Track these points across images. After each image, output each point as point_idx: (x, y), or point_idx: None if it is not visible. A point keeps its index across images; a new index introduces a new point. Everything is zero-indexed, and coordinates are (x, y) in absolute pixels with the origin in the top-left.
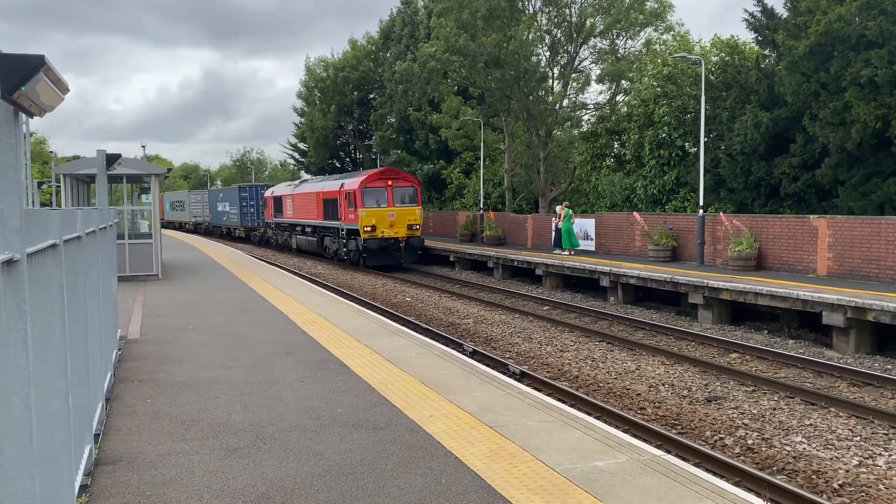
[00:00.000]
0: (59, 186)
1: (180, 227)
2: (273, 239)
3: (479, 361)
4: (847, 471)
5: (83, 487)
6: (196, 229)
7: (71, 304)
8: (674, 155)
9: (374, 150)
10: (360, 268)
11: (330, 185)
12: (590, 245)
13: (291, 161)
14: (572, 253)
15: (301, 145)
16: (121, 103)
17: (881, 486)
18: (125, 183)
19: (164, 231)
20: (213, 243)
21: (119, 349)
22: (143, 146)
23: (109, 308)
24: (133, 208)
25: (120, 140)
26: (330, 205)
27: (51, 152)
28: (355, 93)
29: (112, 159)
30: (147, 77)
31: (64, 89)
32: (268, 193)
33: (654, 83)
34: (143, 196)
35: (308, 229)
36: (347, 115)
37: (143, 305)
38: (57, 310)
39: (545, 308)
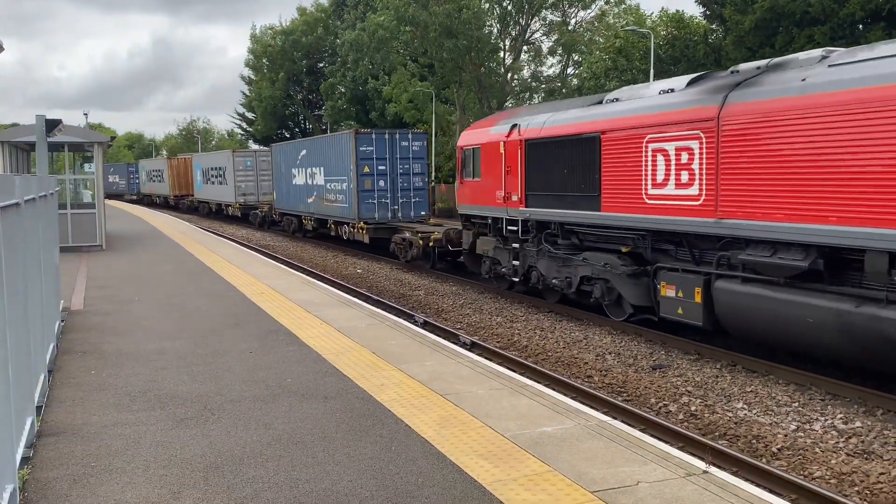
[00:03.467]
0: None
1: (219, 211)
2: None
3: (430, 332)
4: (785, 435)
5: (25, 459)
6: (247, 217)
7: (9, 273)
8: None
9: (324, 121)
10: (309, 239)
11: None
12: None
13: (239, 131)
14: None
15: (249, 115)
16: (66, 70)
17: (817, 450)
18: (67, 151)
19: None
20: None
21: (62, 320)
22: (86, 114)
23: (51, 278)
24: (75, 177)
25: (65, 108)
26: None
27: None
28: (304, 61)
29: (52, 125)
30: (95, 43)
31: None
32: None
33: (606, 56)
34: (86, 165)
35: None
36: (296, 84)
37: (86, 276)
38: None
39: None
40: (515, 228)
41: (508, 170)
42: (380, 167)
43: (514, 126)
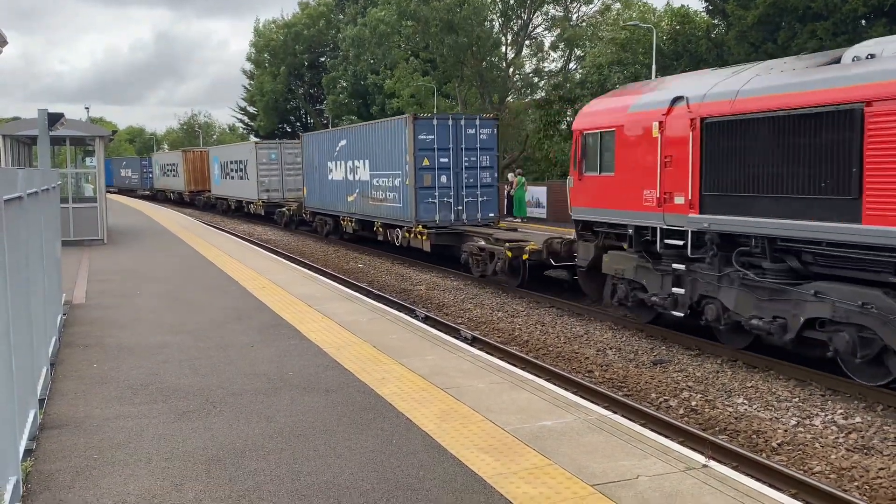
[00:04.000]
0: None
1: (238, 208)
2: None
3: (431, 326)
4: (785, 430)
5: (28, 452)
6: (272, 216)
7: (12, 265)
8: None
9: (325, 115)
10: (309, 234)
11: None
12: (541, 213)
13: (241, 125)
14: (523, 221)
15: (251, 109)
16: (68, 64)
17: (817, 445)
18: (68, 145)
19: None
20: None
21: (64, 314)
22: (87, 108)
23: (53, 272)
24: (77, 171)
25: (67, 102)
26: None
27: None
28: (306, 55)
29: (54, 119)
30: (97, 37)
31: (1, 41)
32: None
33: (610, 49)
34: (88, 159)
35: None
36: (298, 78)
37: (88, 270)
38: None
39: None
40: (679, 242)
41: (668, 160)
42: (442, 159)
43: (679, 99)
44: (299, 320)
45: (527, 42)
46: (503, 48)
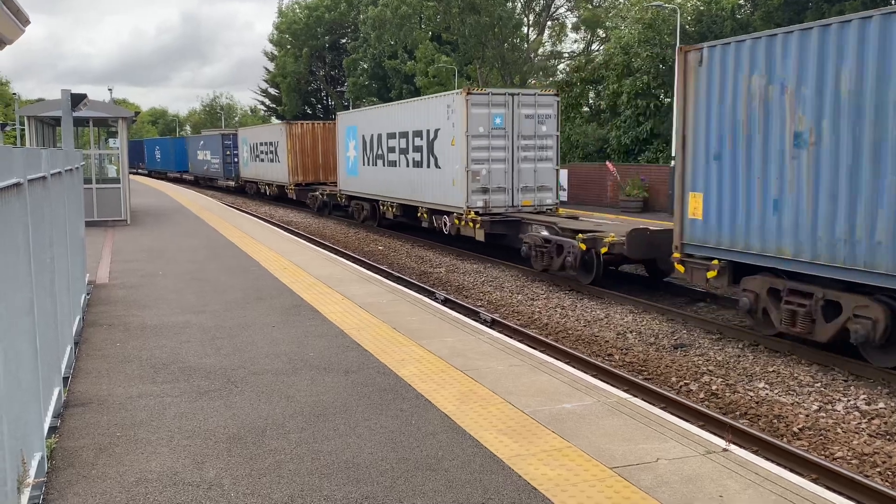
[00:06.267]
0: (23, 129)
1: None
2: None
3: (450, 309)
4: (807, 415)
5: (52, 429)
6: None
7: (36, 245)
8: (651, 105)
9: (346, 97)
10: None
11: None
12: (563, 195)
13: (262, 107)
14: None
15: (272, 91)
16: (94, 46)
17: (839, 430)
18: (92, 126)
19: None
20: None
21: (88, 293)
22: (110, 89)
23: (77, 251)
24: (101, 152)
25: (93, 84)
26: None
27: (14, 94)
28: (327, 36)
29: (77, 99)
30: (124, 19)
31: (24, 21)
32: None
33: (637, 29)
34: (111, 140)
35: None
36: (319, 59)
37: (111, 250)
38: (22, 250)
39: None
40: None
41: None
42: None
43: None
44: (320, 301)
45: (549, 23)
46: (525, 29)
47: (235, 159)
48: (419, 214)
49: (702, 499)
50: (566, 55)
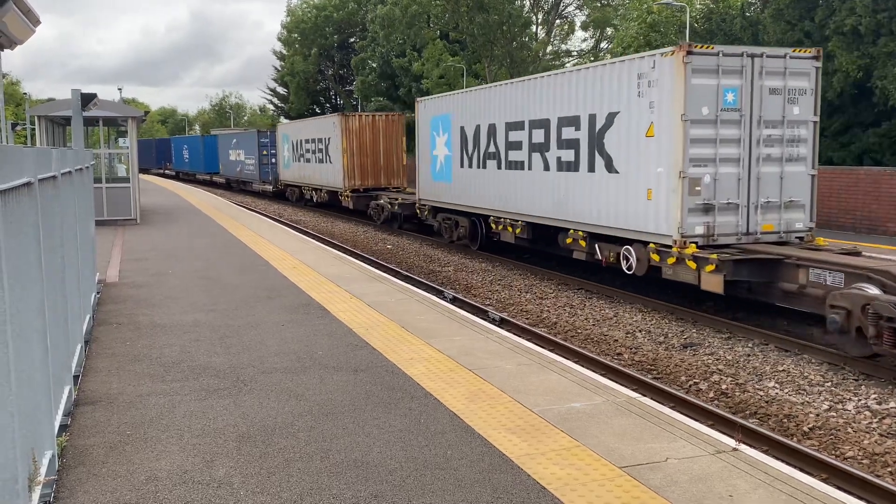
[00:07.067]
0: (33, 129)
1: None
2: None
3: (459, 308)
4: (817, 415)
5: (63, 427)
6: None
7: (47, 244)
8: None
9: (354, 96)
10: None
11: None
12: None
13: (271, 106)
14: None
15: (280, 90)
16: (105, 45)
17: (849, 430)
18: (101, 126)
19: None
20: None
21: (97, 292)
22: (120, 89)
23: (87, 250)
24: (110, 151)
25: (103, 83)
26: None
27: (24, 94)
28: (336, 35)
29: (87, 99)
30: (135, 18)
31: (35, 21)
32: None
33: (638, 31)
34: (120, 140)
35: None
36: (328, 59)
37: (121, 249)
38: (32, 249)
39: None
40: None
41: None
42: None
43: None
44: (328, 300)
45: (557, 21)
46: (533, 27)
47: (273, 160)
48: (568, 241)
49: (712, 498)
50: (574, 53)
